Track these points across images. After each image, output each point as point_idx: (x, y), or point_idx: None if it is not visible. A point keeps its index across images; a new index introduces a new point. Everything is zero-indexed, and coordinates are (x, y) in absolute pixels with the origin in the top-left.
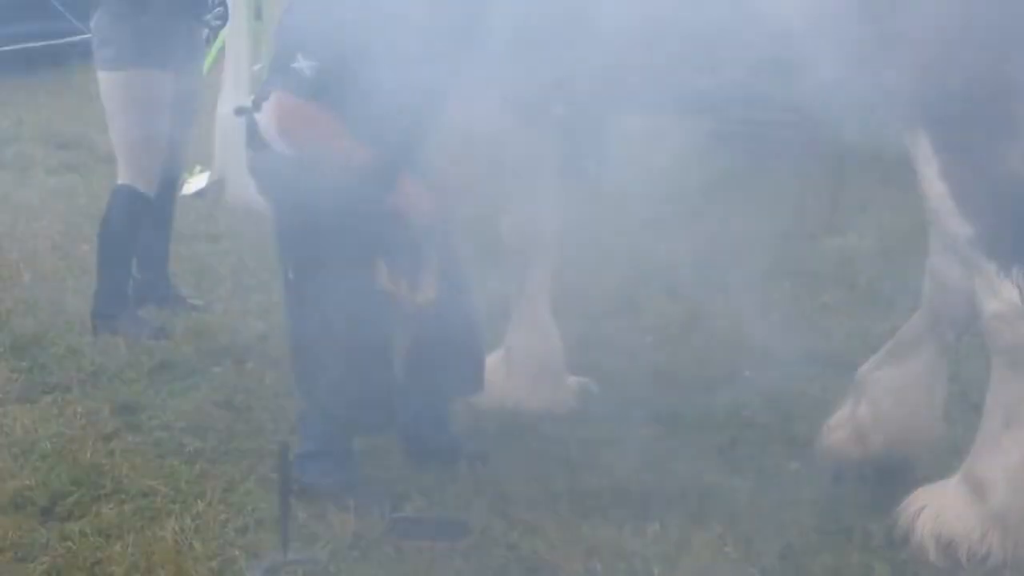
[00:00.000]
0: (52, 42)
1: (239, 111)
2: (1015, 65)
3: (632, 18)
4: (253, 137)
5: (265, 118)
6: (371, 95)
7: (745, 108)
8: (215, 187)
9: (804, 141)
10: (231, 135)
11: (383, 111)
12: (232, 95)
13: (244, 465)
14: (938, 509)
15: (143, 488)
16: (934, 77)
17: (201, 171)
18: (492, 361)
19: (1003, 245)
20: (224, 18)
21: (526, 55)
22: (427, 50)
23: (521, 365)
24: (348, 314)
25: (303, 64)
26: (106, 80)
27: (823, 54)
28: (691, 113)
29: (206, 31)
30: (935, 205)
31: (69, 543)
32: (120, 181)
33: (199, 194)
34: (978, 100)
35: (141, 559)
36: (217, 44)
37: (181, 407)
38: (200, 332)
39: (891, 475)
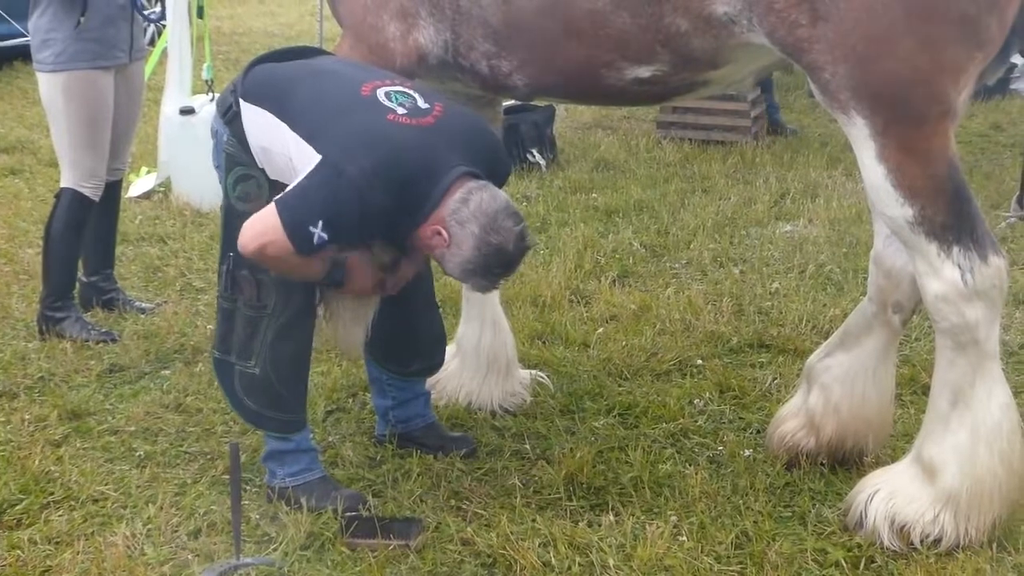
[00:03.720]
0: None
1: (184, 111)
2: (947, 45)
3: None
4: (224, 107)
5: (249, 234)
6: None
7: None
8: (161, 188)
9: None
10: (176, 136)
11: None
12: (176, 95)
13: (195, 468)
14: (890, 492)
15: (93, 494)
16: (867, 61)
17: (147, 172)
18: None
19: (943, 226)
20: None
21: None
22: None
23: (472, 358)
24: (287, 305)
25: (317, 232)
26: (46, 82)
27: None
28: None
29: (151, 29)
30: (874, 188)
31: (18, 551)
32: (63, 184)
33: (145, 195)
34: (912, 82)
35: (92, 566)
36: (160, 44)
37: (131, 411)
38: (149, 335)
39: (842, 461)
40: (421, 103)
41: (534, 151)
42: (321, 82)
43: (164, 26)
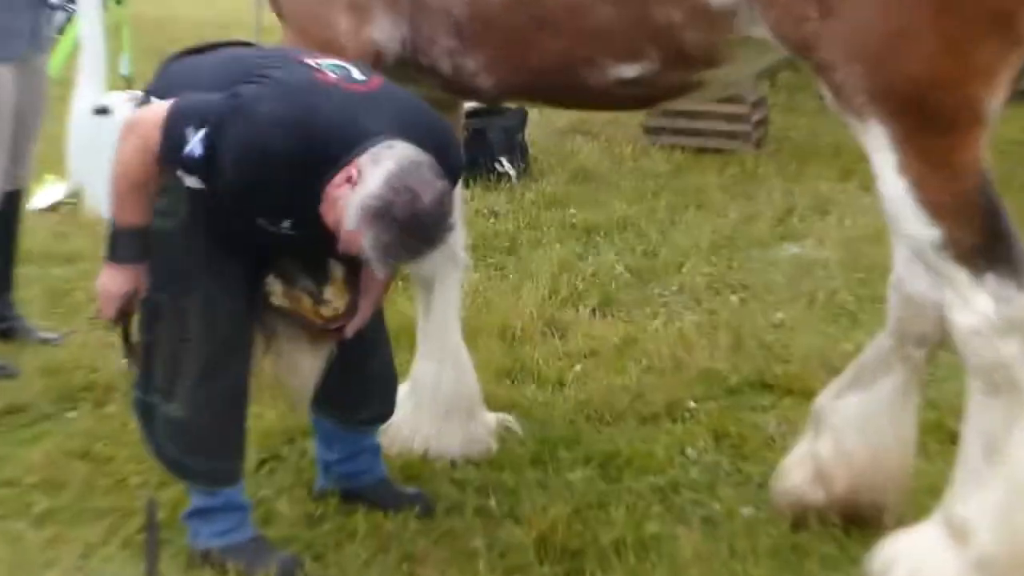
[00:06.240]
0: None
1: (98, 110)
2: (977, 44)
3: None
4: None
5: (130, 122)
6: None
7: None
8: (70, 199)
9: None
10: (89, 138)
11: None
12: (89, 92)
13: (104, 526)
14: (916, 560)
15: None
16: (885, 61)
17: (54, 181)
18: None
19: (973, 249)
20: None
21: None
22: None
23: (429, 400)
24: (213, 335)
25: (194, 140)
26: None
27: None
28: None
29: (63, 16)
30: (894, 205)
31: None
32: None
33: (51, 208)
34: (936, 86)
35: None
36: (71, 33)
37: (30, 459)
38: (52, 370)
39: (858, 520)
40: (356, 74)
41: (503, 160)
42: (245, 56)
43: (74, 11)
